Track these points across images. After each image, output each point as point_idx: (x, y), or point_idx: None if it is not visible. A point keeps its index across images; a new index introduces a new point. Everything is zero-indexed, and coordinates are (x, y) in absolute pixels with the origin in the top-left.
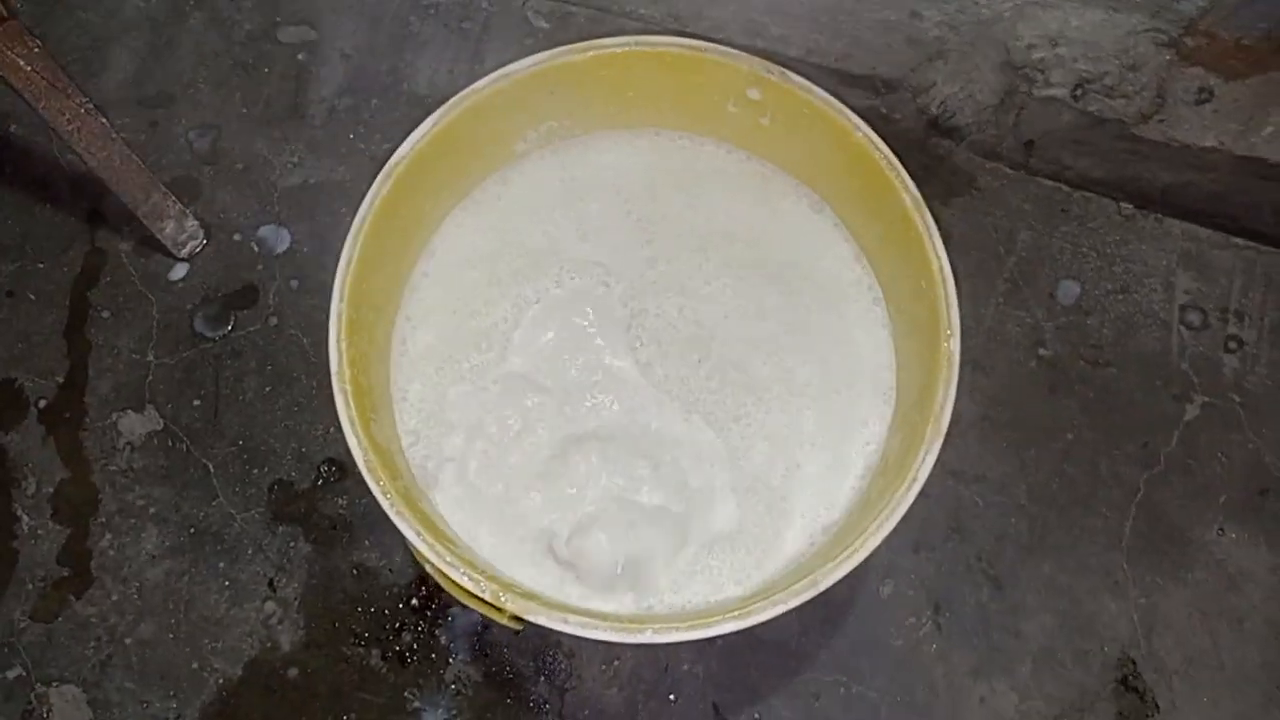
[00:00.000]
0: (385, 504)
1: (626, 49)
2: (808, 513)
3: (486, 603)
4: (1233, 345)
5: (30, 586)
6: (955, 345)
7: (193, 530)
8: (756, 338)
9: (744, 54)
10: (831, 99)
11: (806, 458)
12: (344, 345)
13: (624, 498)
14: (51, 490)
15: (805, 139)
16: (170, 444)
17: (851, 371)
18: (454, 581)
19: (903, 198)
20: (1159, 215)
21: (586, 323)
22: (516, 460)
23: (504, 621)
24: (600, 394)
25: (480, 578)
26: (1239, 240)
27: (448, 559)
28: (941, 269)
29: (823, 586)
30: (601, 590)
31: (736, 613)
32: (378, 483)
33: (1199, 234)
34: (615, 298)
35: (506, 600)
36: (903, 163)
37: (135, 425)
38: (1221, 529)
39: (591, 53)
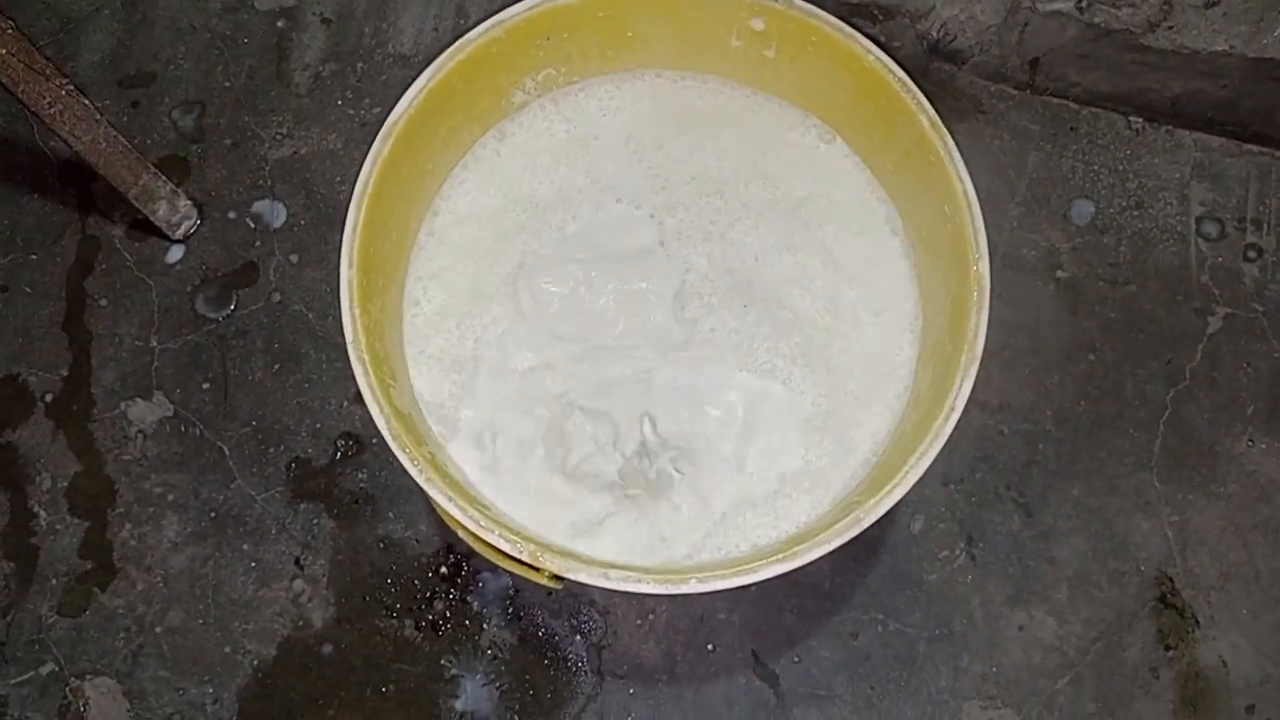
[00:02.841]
0: (414, 471)
1: None
2: (862, 444)
3: (524, 564)
4: (1252, 254)
5: (54, 582)
6: (985, 268)
7: (213, 514)
8: (791, 274)
9: None
10: (840, 24)
11: (859, 387)
12: (357, 312)
13: (671, 452)
14: (66, 484)
15: (812, 68)
16: (182, 429)
17: (883, 296)
18: (489, 545)
19: (920, 120)
20: (1170, 127)
21: (615, 280)
22: (547, 417)
23: (543, 581)
24: (637, 354)
25: (517, 539)
26: (1252, 147)
27: (482, 523)
28: (966, 192)
29: (866, 523)
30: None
31: (780, 556)
32: (404, 450)
33: (1211, 143)
34: (637, 250)
35: (546, 559)
36: None
37: (145, 413)
38: (1251, 440)
39: None
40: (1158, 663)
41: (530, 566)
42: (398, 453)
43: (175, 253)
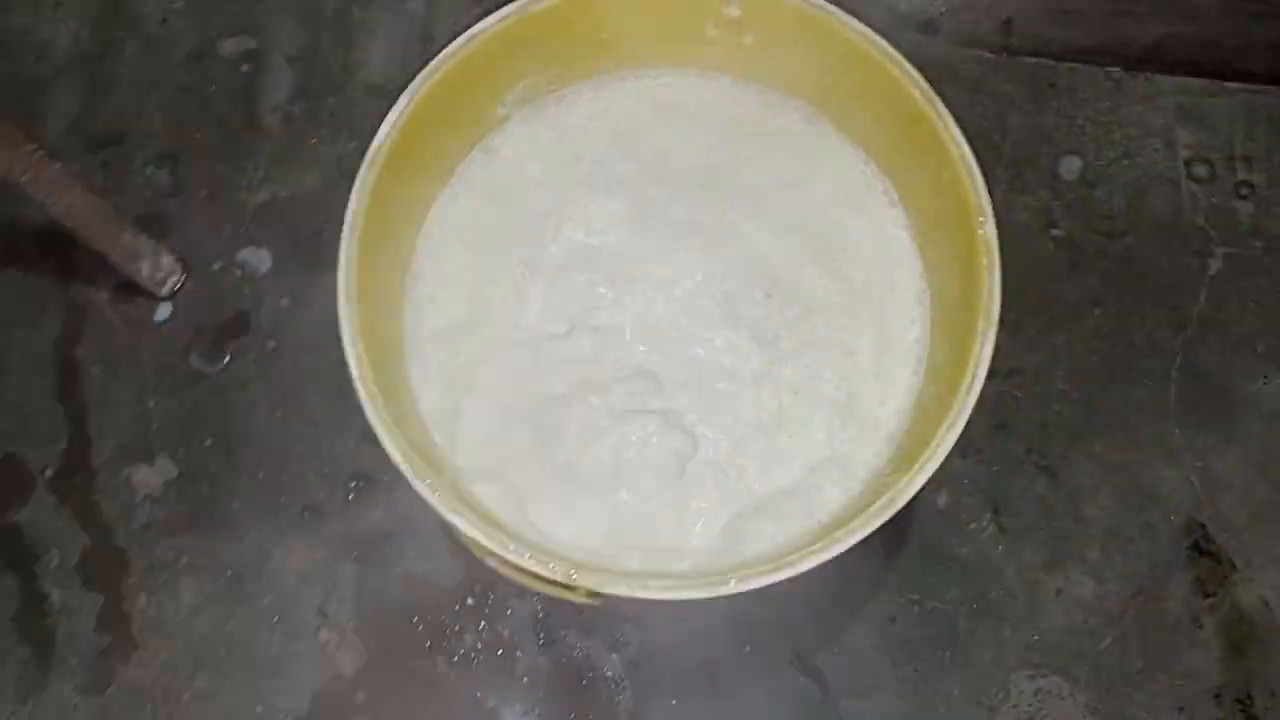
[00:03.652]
0: (436, 502)
1: None
2: (886, 423)
3: (558, 583)
4: (1244, 191)
5: (74, 661)
6: (991, 230)
7: (230, 573)
8: (799, 258)
9: None
10: (820, 1)
11: (877, 366)
12: (360, 347)
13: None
14: (76, 559)
15: (793, 49)
16: (189, 489)
17: (889, 271)
18: (520, 569)
19: (910, 91)
20: (1149, 74)
21: (622, 280)
22: (555, 425)
23: (579, 600)
24: (649, 352)
25: (549, 559)
26: (1233, 85)
27: (512, 547)
28: (963, 156)
29: (901, 503)
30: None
31: (817, 546)
32: (424, 481)
33: (1192, 86)
34: (640, 247)
35: (580, 577)
36: None
37: (149, 477)
38: (1266, 377)
39: None
40: (1199, 611)
41: (564, 586)
42: (418, 486)
43: (163, 310)
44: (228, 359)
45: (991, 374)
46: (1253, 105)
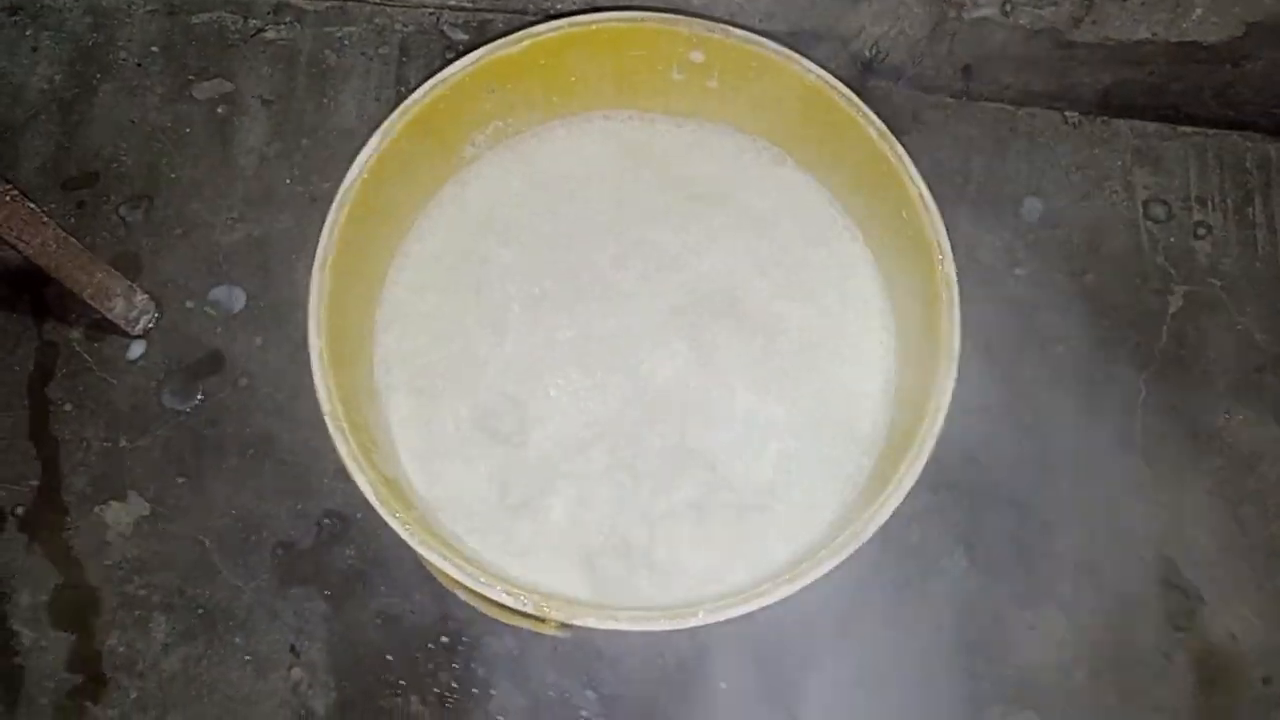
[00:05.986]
0: (406, 535)
1: (562, 31)
2: (854, 455)
3: (529, 615)
4: (1201, 231)
5: (44, 701)
6: (950, 268)
7: (201, 611)
8: (771, 289)
9: (682, 17)
10: (778, 47)
11: (854, 388)
12: (331, 381)
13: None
14: (47, 598)
15: (756, 93)
16: (161, 527)
17: (855, 303)
18: (491, 601)
19: (868, 132)
20: (1105, 118)
21: (597, 316)
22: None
23: (550, 631)
24: (628, 382)
25: (520, 591)
26: (1186, 128)
27: (483, 579)
28: (922, 195)
29: (867, 535)
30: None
31: (786, 577)
32: (394, 515)
33: (1146, 129)
34: (614, 283)
35: (550, 608)
36: None
37: (121, 515)
38: (1228, 412)
39: (527, 41)
40: (1170, 645)
41: (536, 618)
42: (388, 518)
43: (136, 349)
44: (200, 397)
45: (961, 408)
46: (1204, 148)
